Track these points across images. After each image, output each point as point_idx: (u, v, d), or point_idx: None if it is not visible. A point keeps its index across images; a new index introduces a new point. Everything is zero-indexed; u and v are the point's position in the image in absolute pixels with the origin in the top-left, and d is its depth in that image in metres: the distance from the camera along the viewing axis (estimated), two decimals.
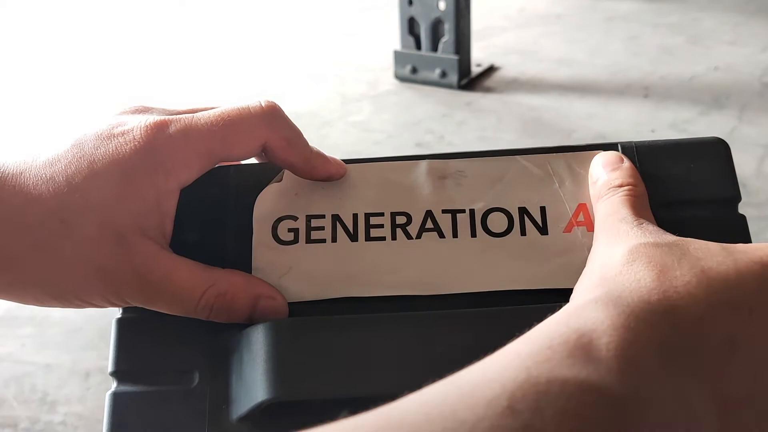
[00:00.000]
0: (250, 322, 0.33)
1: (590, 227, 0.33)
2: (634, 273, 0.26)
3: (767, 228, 0.82)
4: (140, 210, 0.31)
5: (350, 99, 1.29)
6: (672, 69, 1.35)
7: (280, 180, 0.36)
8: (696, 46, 1.47)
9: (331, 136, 1.14)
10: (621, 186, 0.32)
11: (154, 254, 0.31)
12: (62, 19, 2.01)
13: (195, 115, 0.32)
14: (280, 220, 0.35)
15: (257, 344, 0.32)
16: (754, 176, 0.93)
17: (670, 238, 0.27)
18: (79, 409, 0.62)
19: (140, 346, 0.32)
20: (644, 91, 1.25)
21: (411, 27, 1.34)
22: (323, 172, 0.36)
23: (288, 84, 1.38)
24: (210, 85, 1.41)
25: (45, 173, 0.31)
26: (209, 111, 0.32)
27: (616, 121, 1.13)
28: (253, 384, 0.31)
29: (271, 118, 0.34)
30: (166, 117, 0.32)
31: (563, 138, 0.57)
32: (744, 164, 0.96)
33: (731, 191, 0.35)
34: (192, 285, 0.32)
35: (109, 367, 0.32)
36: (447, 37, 1.29)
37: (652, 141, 0.36)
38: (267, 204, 0.35)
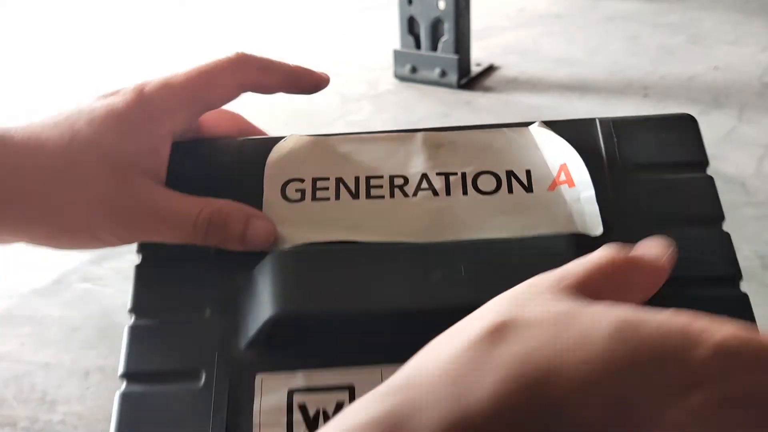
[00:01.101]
0: (243, 247, 0.35)
1: (571, 184, 0.36)
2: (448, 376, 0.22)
3: (767, 227, 0.82)
4: (138, 151, 0.35)
5: (350, 98, 1.29)
6: (672, 68, 1.35)
7: (285, 141, 0.41)
8: (696, 45, 1.47)
9: None
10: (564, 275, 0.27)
11: (153, 187, 0.35)
12: (62, 19, 2.01)
13: (173, 72, 0.37)
14: (288, 182, 0.38)
15: (264, 272, 0.34)
16: (753, 176, 0.93)
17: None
18: (79, 409, 0.62)
19: (151, 350, 0.34)
20: (644, 91, 1.25)
21: (411, 26, 1.34)
22: (309, 80, 0.42)
23: None
24: None
25: (50, 125, 0.34)
26: (186, 68, 0.37)
27: None
28: (262, 305, 0.34)
29: (243, 59, 0.40)
30: (148, 80, 0.37)
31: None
32: (744, 164, 0.96)
33: (699, 156, 0.41)
34: (189, 207, 0.35)
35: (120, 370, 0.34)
36: (447, 37, 1.29)
37: (628, 116, 0.40)
38: (276, 169, 0.39)
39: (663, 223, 0.36)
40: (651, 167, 0.38)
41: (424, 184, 0.37)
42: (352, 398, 0.32)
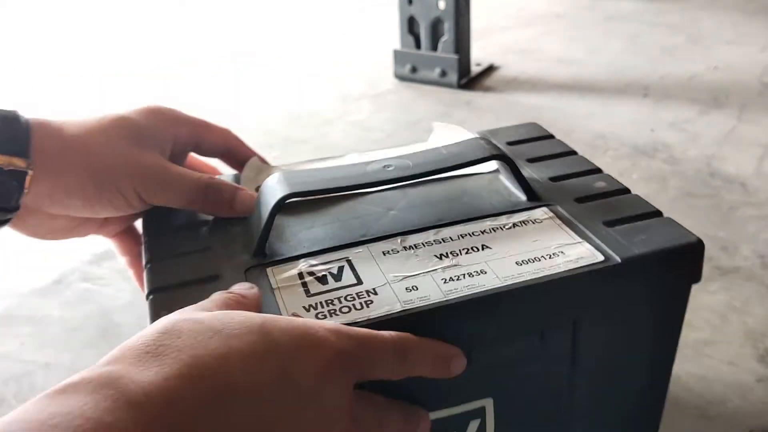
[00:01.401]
0: (231, 213, 0.47)
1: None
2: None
3: (767, 227, 0.82)
4: (154, 135, 0.48)
5: (350, 98, 1.29)
6: (671, 68, 1.35)
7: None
8: (696, 45, 1.47)
9: (331, 135, 1.14)
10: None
11: (165, 160, 0.47)
12: (62, 19, 2.01)
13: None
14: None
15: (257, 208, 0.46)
16: (753, 176, 0.93)
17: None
18: None
19: (172, 269, 0.44)
20: (644, 91, 1.25)
21: (411, 26, 1.34)
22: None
23: (287, 83, 1.38)
24: (210, 85, 1.41)
25: (89, 119, 0.46)
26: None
27: (616, 121, 1.13)
28: (262, 207, 0.44)
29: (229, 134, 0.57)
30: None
31: (562, 137, 0.57)
32: (744, 163, 0.96)
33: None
34: (192, 175, 0.47)
35: None
36: (447, 37, 1.29)
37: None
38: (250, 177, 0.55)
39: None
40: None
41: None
42: (352, 267, 0.41)
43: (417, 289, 0.39)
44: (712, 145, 1.02)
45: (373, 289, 0.39)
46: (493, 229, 0.44)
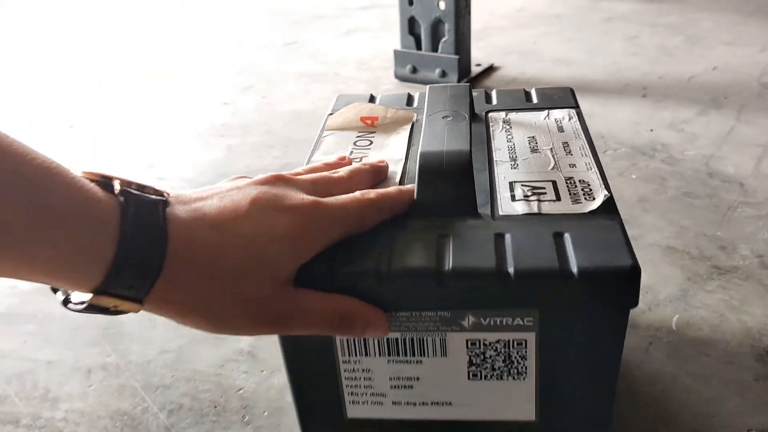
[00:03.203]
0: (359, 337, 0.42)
1: None
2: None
3: (765, 227, 0.82)
4: (288, 263, 0.39)
5: None
6: (671, 69, 1.35)
7: None
8: (695, 46, 1.48)
9: None
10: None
11: (294, 291, 0.39)
12: (63, 19, 2.01)
13: (336, 200, 0.42)
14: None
15: None
16: (752, 176, 0.94)
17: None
18: (81, 406, 0.63)
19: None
20: (643, 91, 1.26)
21: (411, 27, 1.34)
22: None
23: (288, 83, 1.38)
24: (210, 85, 1.41)
25: (219, 214, 0.39)
26: (341, 199, 0.42)
27: (615, 121, 1.14)
28: None
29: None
30: (320, 199, 0.41)
31: None
32: (742, 164, 0.97)
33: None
34: (321, 310, 0.40)
35: None
36: (447, 37, 1.30)
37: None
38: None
39: None
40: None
41: None
42: None
43: None
44: (710, 146, 1.03)
45: None
46: None
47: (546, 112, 0.59)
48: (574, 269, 0.38)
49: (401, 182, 0.49)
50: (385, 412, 0.45)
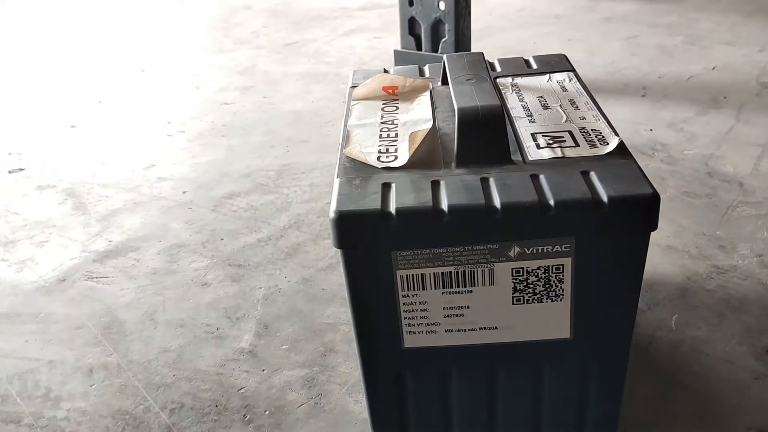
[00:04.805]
0: None
1: None
2: None
3: (765, 226, 0.82)
4: None
5: None
6: (670, 69, 1.36)
7: None
8: (694, 46, 1.48)
9: (332, 135, 1.14)
10: None
11: None
12: (63, 20, 2.01)
13: None
14: None
15: None
16: (751, 175, 0.94)
17: None
18: (83, 405, 0.63)
19: None
20: (642, 91, 1.26)
21: (411, 27, 1.34)
22: None
23: (288, 83, 1.39)
24: (210, 85, 1.41)
25: None
26: None
27: (614, 120, 1.14)
28: None
29: None
30: None
31: None
32: (741, 163, 0.97)
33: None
34: None
35: None
36: (447, 38, 1.30)
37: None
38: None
39: None
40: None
41: None
42: None
43: None
44: (710, 145, 1.03)
45: None
46: None
47: (547, 75, 0.68)
48: (605, 198, 0.45)
49: (435, 138, 0.54)
50: (438, 340, 0.49)
